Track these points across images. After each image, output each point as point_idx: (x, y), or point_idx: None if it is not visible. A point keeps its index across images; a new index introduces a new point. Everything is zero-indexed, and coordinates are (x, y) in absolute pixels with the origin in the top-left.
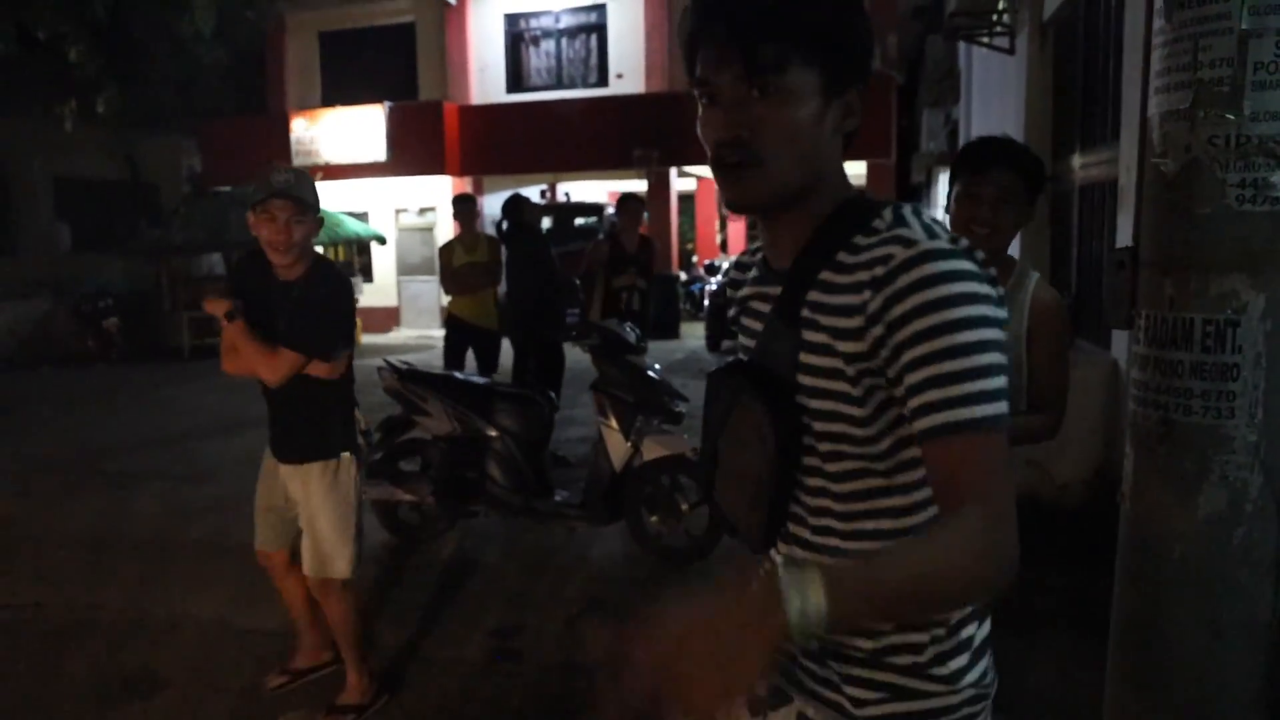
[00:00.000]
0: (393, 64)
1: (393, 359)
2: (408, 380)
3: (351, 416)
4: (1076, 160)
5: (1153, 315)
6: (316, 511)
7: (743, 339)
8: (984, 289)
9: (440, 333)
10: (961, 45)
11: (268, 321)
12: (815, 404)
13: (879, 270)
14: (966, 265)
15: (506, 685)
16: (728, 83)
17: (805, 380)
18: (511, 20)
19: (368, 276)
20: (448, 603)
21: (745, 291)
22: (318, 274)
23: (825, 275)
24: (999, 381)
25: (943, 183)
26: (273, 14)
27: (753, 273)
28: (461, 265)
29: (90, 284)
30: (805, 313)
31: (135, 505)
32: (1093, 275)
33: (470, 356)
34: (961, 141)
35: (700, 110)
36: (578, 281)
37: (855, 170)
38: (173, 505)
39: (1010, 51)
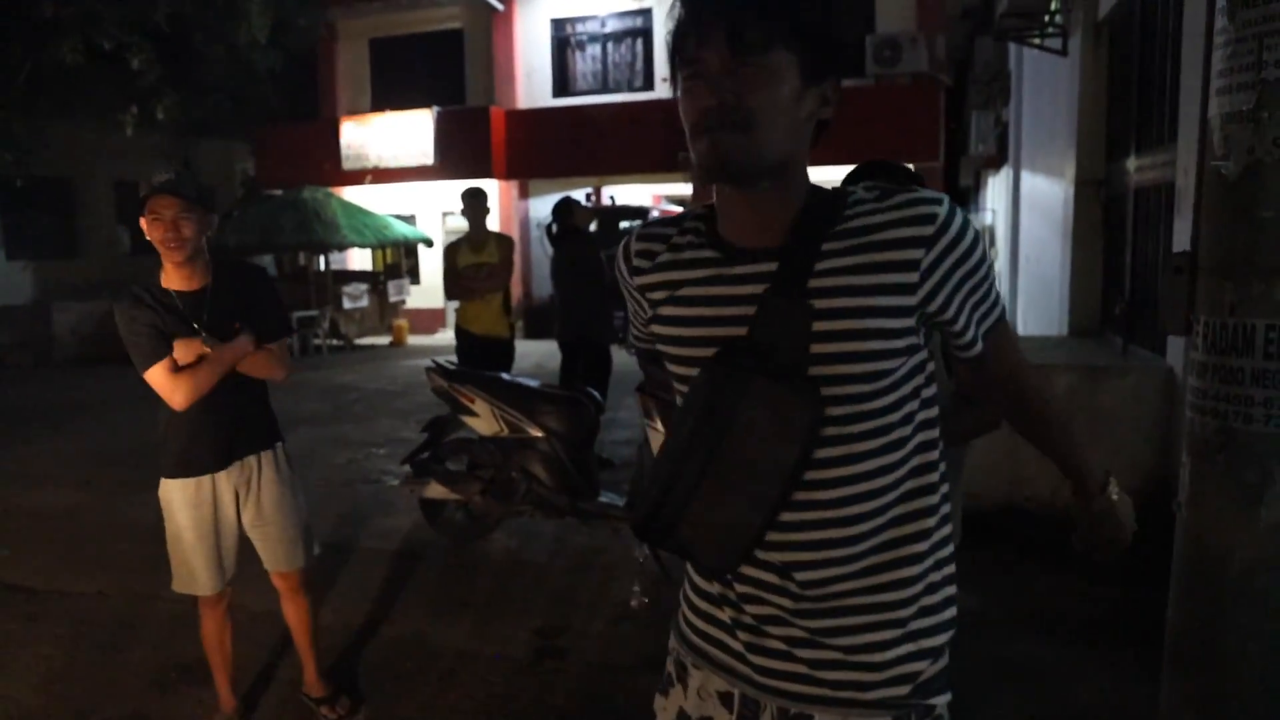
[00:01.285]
0: (441, 69)
1: (440, 359)
2: (455, 380)
3: None
4: (1131, 163)
5: (1212, 321)
6: (276, 501)
7: (686, 327)
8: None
9: None
10: (1012, 46)
11: (184, 335)
12: (837, 370)
13: (927, 229)
14: (966, 214)
15: (551, 683)
16: (714, 58)
17: (823, 349)
18: (558, 25)
19: (415, 278)
20: (493, 601)
21: (684, 275)
22: (234, 270)
23: (829, 246)
24: (995, 281)
25: (992, 185)
26: (325, 22)
27: (705, 253)
28: (467, 267)
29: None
30: (814, 283)
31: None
32: (1147, 280)
33: None
34: (1011, 144)
35: (682, 90)
36: None
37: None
38: None
39: (1063, 53)
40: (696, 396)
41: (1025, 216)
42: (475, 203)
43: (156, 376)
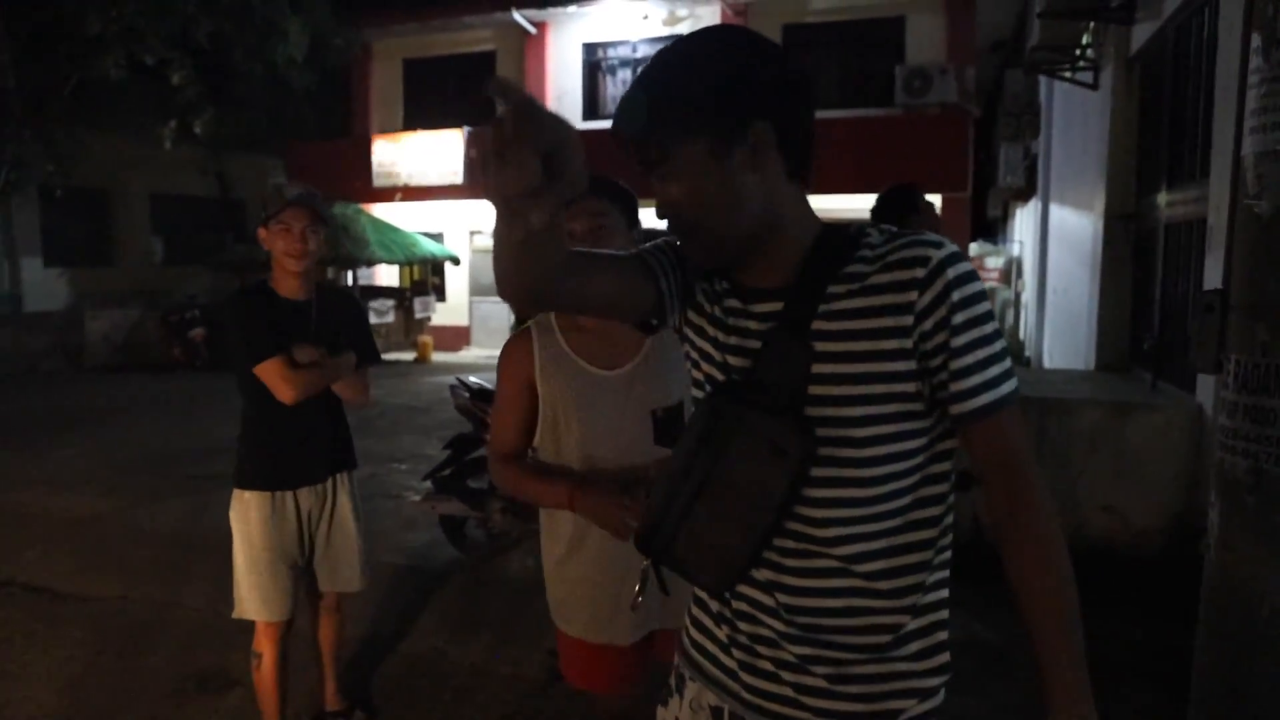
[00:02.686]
0: (472, 90)
1: (464, 377)
2: (479, 398)
3: None
4: (1162, 198)
5: (1243, 361)
6: (347, 521)
7: (704, 361)
8: (985, 287)
9: None
10: (1042, 79)
11: (286, 346)
12: (833, 412)
13: (919, 272)
14: (973, 266)
15: (565, 706)
16: (648, 171)
17: (820, 390)
18: (589, 49)
19: (441, 296)
20: (510, 620)
21: (713, 309)
22: (335, 292)
23: (835, 288)
24: (1009, 359)
25: (1020, 218)
26: (360, 42)
27: (731, 301)
28: None
29: (179, 295)
30: (818, 325)
31: (215, 508)
32: (1177, 316)
33: None
34: (1040, 176)
35: None
36: None
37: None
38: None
39: (1094, 86)
40: (696, 424)
41: (1053, 249)
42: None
43: (270, 369)
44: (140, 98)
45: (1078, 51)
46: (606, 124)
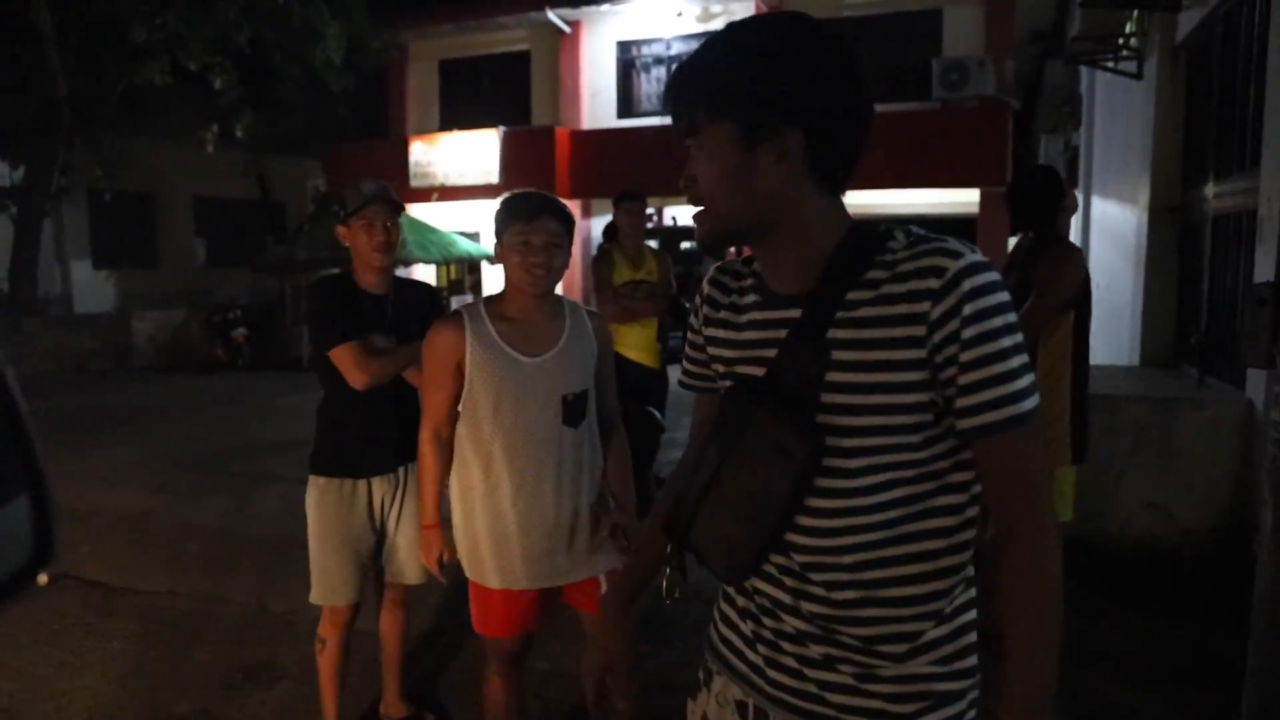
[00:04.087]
0: (508, 90)
1: None
2: None
3: None
4: (1209, 190)
5: None
6: (411, 513)
7: (725, 365)
8: (1009, 298)
9: None
10: (1084, 70)
11: (375, 329)
12: (844, 421)
13: (934, 283)
14: (998, 277)
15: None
16: (683, 140)
17: (834, 399)
18: (623, 48)
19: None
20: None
21: (739, 317)
22: (410, 284)
23: (854, 295)
24: (1032, 376)
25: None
26: (397, 43)
27: (750, 298)
28: (624, 284)
29: (222, 296)
30: (834, 333)
31: (259, 504)
32: (1225, 310)
33: None
34: (1081, 169)
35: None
36: (687, 305)
37: (969, 198)
38: (293, 506)
39: (1138, 76)
40: (713, 421)
41: (1096, 243)
42: (634, 207)
43: (345, 353)
44: (183, 103)
45: (1121, 41)
46: (641, 121)
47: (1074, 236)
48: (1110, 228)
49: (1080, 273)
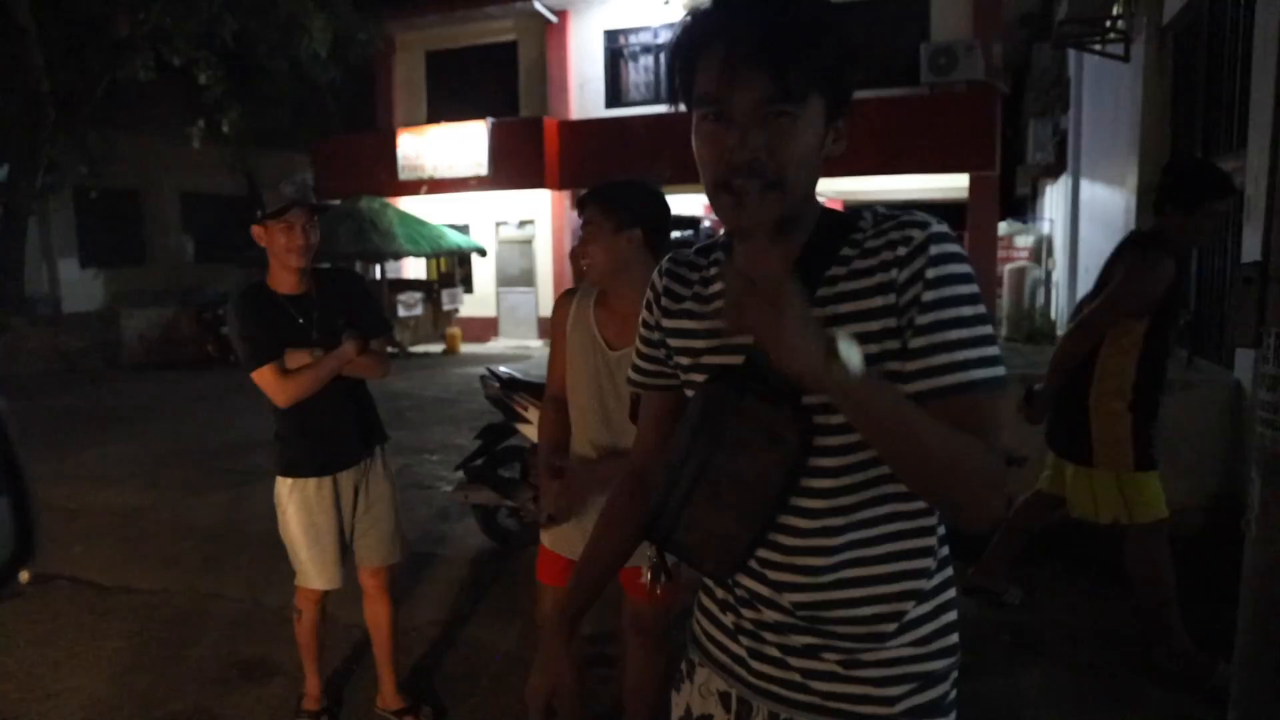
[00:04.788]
0: (495, 81)
1: (494, 367)
2: (509, 388)
3: None
4: None
5: None
6: (382, 496)
7: (697, 355)
8: (972, 272)
9: (537, 343)
10: (1071, 53)
11: (297, 338)
12: (824, 399)
13: (901, 250)
14: (963, 250)
15: (599, 690)
16: (746, 104)
17: None
18: (611, 37)
19: (468, 287)
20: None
21: (705, 308)
22: (333, 275)
23: (832, 272)
24: (996, 349)
25: (1050, 195)
26: (382, 35)
27: (718, 286)
28: None
29: (211, 292)
30: (814, 312)
31: (251, 501)
32: (1213, 291)
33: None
34: (1070, 152)
35: (702, 130)
36: None
37: (957, 183)
38: None
39: (1125, 59)
40: (691, 412)
41: (1085, 226)
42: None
43: (265, 376)
44: (169, 98)
45: (1108, 23)
46: (629, 111)
47: (1062, 220)
48: (1099, 210)
49: (1160, 286)
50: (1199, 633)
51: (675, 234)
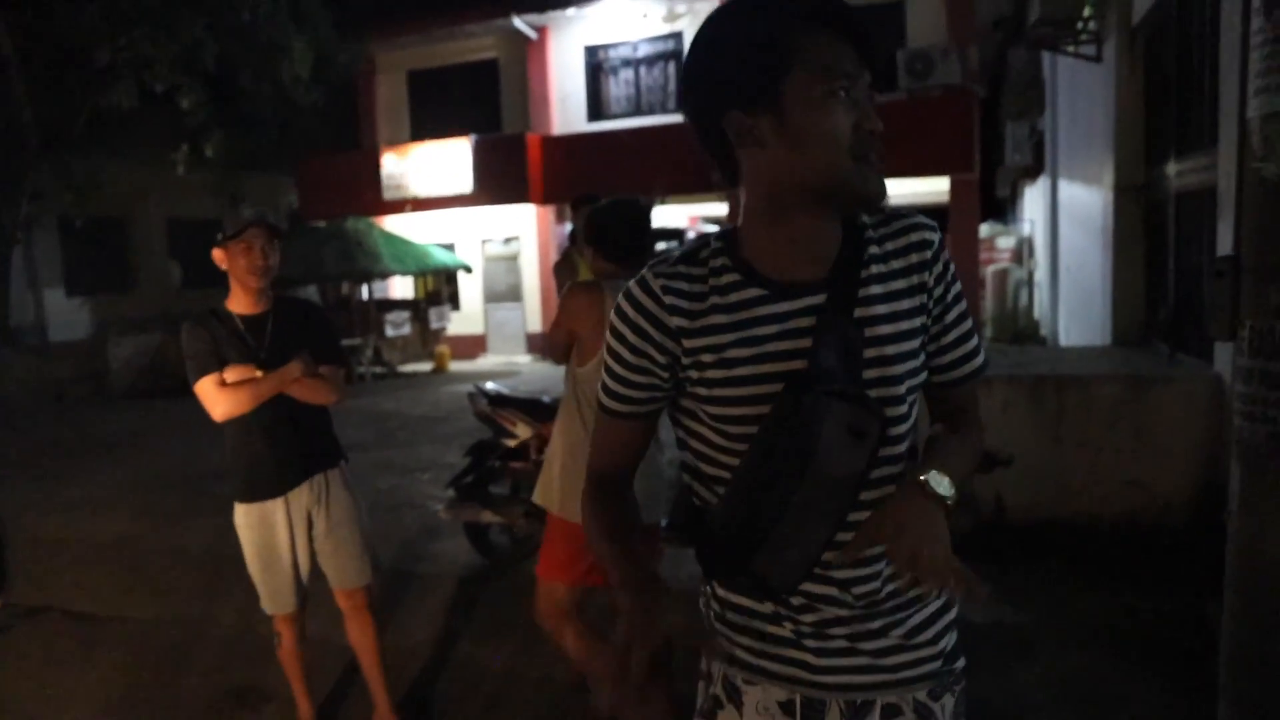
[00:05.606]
0: (477, 98)
1: (482, 384)
2: (497, 405)
3: None
4: (1172, 167)
5: (1258, 326)
6: (344, 518)
7: (743, 367)
8: None
9: (525, 359)
10: (1045, 55)
11: (242, 356)
12: (885, 391)
13: (927, 254)
14: None
15: (595, 706)
16: (864, 84)
17: (872, 373)
18: (591, 52)
19: (455, 305)
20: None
21: (734, 317)
22: (292, 301)
23: (865, 273)
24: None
25: (1029, 196)
26: (364, 56)
27: (743, 293)
28: None
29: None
30: (860, 311)
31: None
32: (1191, 286)
33: None
34: (1048, 152)
35: (821, 100)
36: None
37: (938, 187)
38: None
39: (1097, 59)
40: (778, 427)
41: (1064, 226)
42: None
43: (202, 389)
44: (152, 124)
45: (1080, 25)
46: (611, 125)
47: (1042, 220)
48: (1078, 210)
49: None
50: (1184, 628)
51: (660, 245)
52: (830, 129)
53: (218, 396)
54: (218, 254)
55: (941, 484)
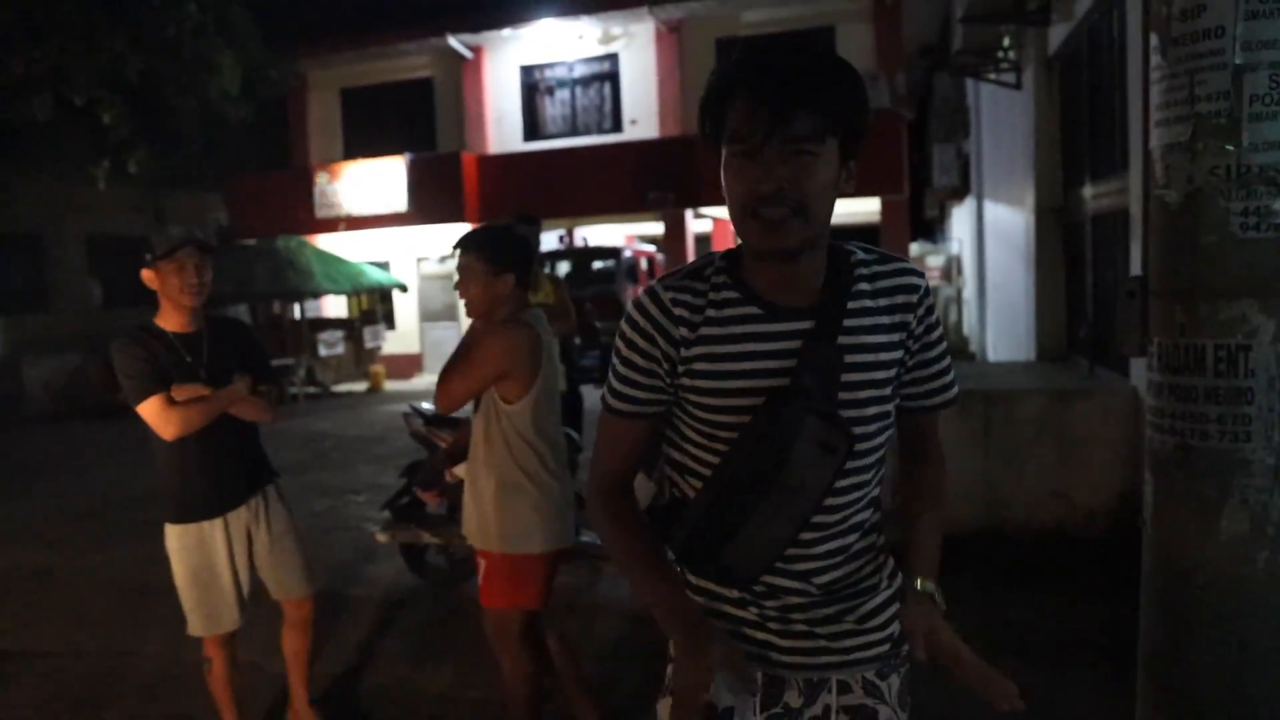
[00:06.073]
0: (412, 117)
1: (417, 404)
2: (433, 424)
3: None
4: (1088, 190)
5: (1165, 343)
6: (284, 531)
7: (731, 380)
8: None
9: None
10: (969, 81)
11: (183, 374)
12: (857, 412)
13: (914, 297)
14: None
15: None
16: (773, 142)
17: (848, 395)
18: (527, 72)
19: (390, 324)
20: (477, 645)
21: (729, 330)
22: (224, 321)
23: (852, 305)
24: None
25: (957, 216)
26: (296, 73)
27: (739, 310)
28: None
29: None
30: (843, 338)
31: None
32: (1109, 303)
33: None
34: (973, 175)
35: (732, 166)
36: (596, 325)
37: (869, 207)
38: None
39: (1017, 86)
40: (756, 435)
41: (990, 245)
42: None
43: (151, 408)
44: (71, 138)
45: (1000, 54)
46: (547, 144)
47: (970, 240)
48: (1002, 230)
49: None
50: (1107, 634)
51: (596, 264)
52: (730, 188)
53: (169, 415)
54: (147, 274)
55: (937, 594)
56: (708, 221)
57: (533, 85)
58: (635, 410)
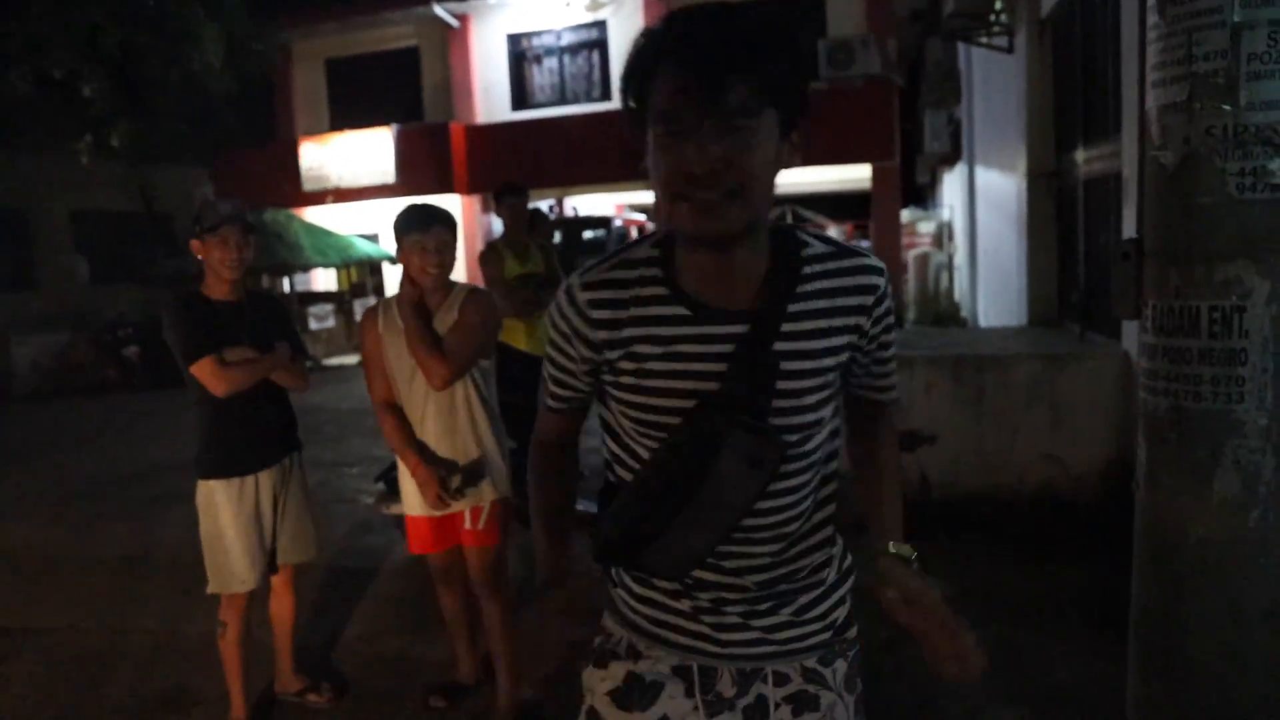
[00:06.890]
0: (398, 87)
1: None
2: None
3: None
4: (1080, 155)
5: (1159, 305)
6: (299, 495)
7: (659, 380)
8: None
9: None
10: (961, 46)
11: (230, 339)
12: (791, 421)
13: (868, 298)
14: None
15: (533, 694)
16: (703, 119)
17: (782, 403)
18: (514, 40)
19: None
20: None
21: (653, 331)
22: (261, 296)
23: (794, 307)
24: None
25: (948, 182)
26: (280, 44)
27: (667, 309)
28: (514, 278)
29: (109, 314)
30: (779, 345)
31: (164, 527)
32: (1101, 268)
33: None
34: (965, 140)
35: (659, 146)
36: None
37: (860, 174)
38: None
39: (1009, 50)
40: (677, 445)
41: (982, 211)
42: (518, 202)
43: (204, 368)
44: (52, 113)
45: (992, 17)
46: (535, 114)
47: (961, 207)
48: (994, 195)
49: None
50: (1096, 596)
51: (587, 234)
52: (656, 170)
53: (221, 374)
54: (195, 244)
55: (904, 549)
56: None
57: (520, 54)
58: (560, 407)
